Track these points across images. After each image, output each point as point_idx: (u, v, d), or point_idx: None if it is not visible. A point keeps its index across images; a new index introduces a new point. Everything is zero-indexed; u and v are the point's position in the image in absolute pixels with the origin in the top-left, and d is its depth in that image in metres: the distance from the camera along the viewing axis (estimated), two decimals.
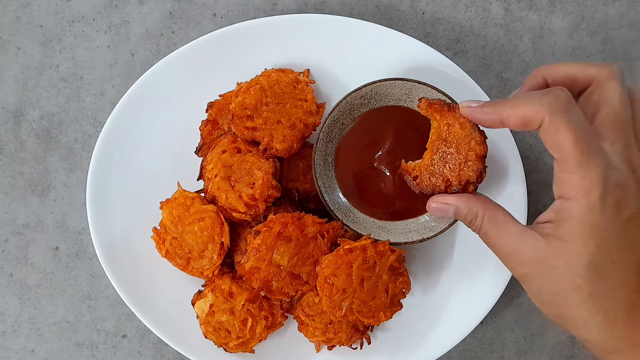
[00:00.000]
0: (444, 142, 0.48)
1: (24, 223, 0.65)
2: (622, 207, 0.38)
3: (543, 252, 0.39)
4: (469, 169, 0.47)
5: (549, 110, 0.38)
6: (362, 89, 0.55)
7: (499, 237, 0.42)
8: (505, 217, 0.43)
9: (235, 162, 0.56)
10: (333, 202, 0.56)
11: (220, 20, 0.65)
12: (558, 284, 0.39)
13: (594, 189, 0.37)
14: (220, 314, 0.56)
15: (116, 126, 0.59)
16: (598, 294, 0.38)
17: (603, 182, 0.37)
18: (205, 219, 0.55)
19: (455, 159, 0.48)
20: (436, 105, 0.48)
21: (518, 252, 0.41)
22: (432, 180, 0.49)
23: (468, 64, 0.65)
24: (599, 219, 0.37)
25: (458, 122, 0.47)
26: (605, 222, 0.38)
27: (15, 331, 0.65)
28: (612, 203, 0.37)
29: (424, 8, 0.65)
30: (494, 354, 0.65)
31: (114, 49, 0.65)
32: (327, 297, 0.53)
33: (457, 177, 0.48)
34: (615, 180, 0.37)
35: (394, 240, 0.56)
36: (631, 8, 0.66)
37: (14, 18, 0.65)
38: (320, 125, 0.56)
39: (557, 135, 0.37)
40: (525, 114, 0.39)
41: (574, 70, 0.41)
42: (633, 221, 0.38)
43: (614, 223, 0.38)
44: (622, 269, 0.38)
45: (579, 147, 0.37)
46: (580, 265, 0.38)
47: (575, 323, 0.40)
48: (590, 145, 0.37)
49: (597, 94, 0.39)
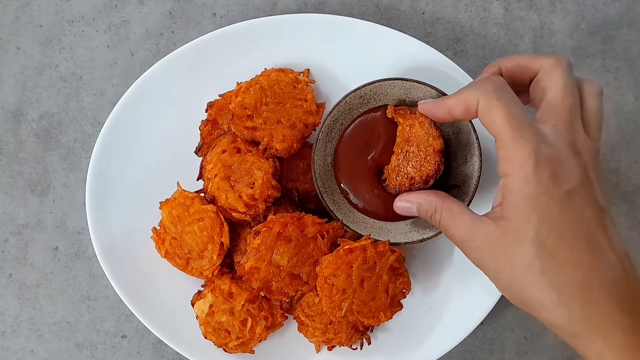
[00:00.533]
0: (406, 142, 0.53)
1: (23, 223, 0.65)
2: (559, 180, 0.38)
3: (493, 234, 0.41)
4: (428, 163, 0.52)
5: (483, 92, 0.41)
6: (361, 89, 0.55)
7: (455, 227, 0.44)
8: (460, 209, 0.45)
9: (235, 162, 0.56)
10: (333, 203, 0.56)
11: (220, 20, 0.65)
12: (511, 264, 0.40)
13: (527, 161, 0.38)
14: (220, 314, 0.56)
15: (116, 126, 0.59)
16: (549, 271, 0.38)
17: (535, 154, 0.38)
18: (205, 219, 0.55)
19: (417, 156, 0.52)
20: (400, 110, 0.53)
21: (472, 238, 0.42)
22: (397, 180, 0.53)
23: (468, 63, 0.65)
24: (535, 190, 0.38)
25: (417, 122, 0.52)
26: (543, 193, 0.38)
27: (15, 331, 0.65)
28: (547, 175, 0.38)
29: (424, 8, 0.65)
30: (494, 354, 0.65)
31: (113, 48, 0.65)
32: (327, 298, 0.53)
33: (419, 173, 0.52)
34: (548, 154, 0.39)
35: (394, 240, 0.56)
36: (631, 8, 0.66)
37: (13, 18, 0.65)
38: (320, 126, 0.56)
39: (490, 113, 0.40)
40: (464, 100, 0.42)
41: (524, 60, 0.44)
42: (575, 196, 0.39)
43: (553, 195, 0.38)
44: (571, 243, 0.38)
45: (510, 122, 0.39)
46: (527, 241, 0.39)
47: (534, 305, 0.40)
48: (522, 121, 0.39)
49: (542, 81, 0.42)
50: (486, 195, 0.59)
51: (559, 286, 0.38)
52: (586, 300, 0.38)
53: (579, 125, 0.41)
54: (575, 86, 0.41)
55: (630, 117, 0.66)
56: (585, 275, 0.38)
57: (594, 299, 0.38)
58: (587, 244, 0.38)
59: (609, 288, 0.38)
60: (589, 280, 0.38)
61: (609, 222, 0.40)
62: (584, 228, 0.38)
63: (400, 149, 0.53)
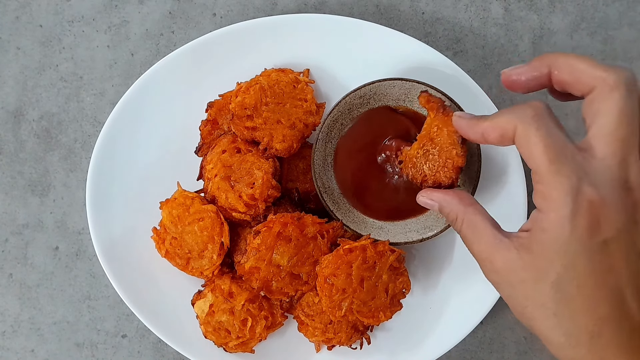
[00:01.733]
0: (430, 141, 0.50)
1: (23, 223, 0.65)
2: (598, 229, 0.35)
3: (514, 263, 0.38)
4: (444, 174, 0.50)
5: (521, 119, 0.37)
6: (361, 89, 0.55)
7: (475, 243, 0.42)
8: (483, 223, 0.42)
9: (235, 162, 0.56)
10: (332, 203, 0.56)
11: (220, 20, 0.65)
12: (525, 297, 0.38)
13: (564, 205, 0.35)
14: (220, 314, 0.56)
15: (116, 126, 0.59)
16: (562, 315, 0.37)
17: (573, 197, 0.35)
18: (205, 219, 0.55)
19: (435, 160, 0.50)
20: (434, 103, 0.49)
21: (491, 260, 0.40)
22: (412, 171, 0.52)
23: (468, 63, 0.65)
24: (568, 238, 0.36)
25: (447, 128, 0.48)
26: (575, 242, 0.36)
27: (15, 331, 0.65)
28: (584, 224, 0.35)
29: (424, 8, 0.65)
30: (494, 354, 0.65)
31: (113, 48, 0.65)
32: (326, 297, 0.53)
33: (433, 177, 0.50)
34: (590, 197, 0.35)
35: (394, 240, 0.56)
36: (631, 8, 0.66)
37: (13, 18, 0.65)
38: (320, 126, 0.56)
39: (528, 143, 0.37)
40: (500, 126, 0.39)
41: (580, 68, 0.38)
42: (611, 244, 0.36)
43: (585, 246, 0.36)
44: (590, 294, 0.36)
45: (549, 155, 0.36)
46: (546, 283, 0.37)
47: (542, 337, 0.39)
48: (563, 154, 0.36)
49: (597, 103, 0.37)
50: (486, 195, 0.59)
51: (568, 331, 0.37)
52: (594, 348, 0.37)
53: (634, 157, 0.36)
54: (635, 111, 0.36)
55: None
56: (597, 325, 0.36)
57: (603, 347, 0.37)
58: (609, 294, 0.36)
59: (621, 338, 0.36)
60: (600, 330, 0.36)
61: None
62: (609, 279, 0.36)
63: (423, 143, 0.51)
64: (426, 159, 0.51)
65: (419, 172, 0.51)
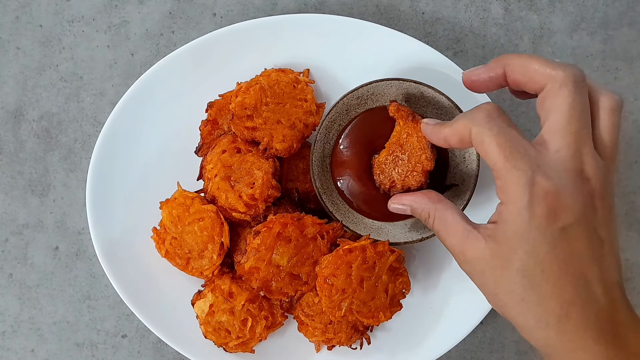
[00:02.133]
0: (400, 147, 0.52)
1: (23, 223, 0.65)
2: (555, 217, 0.37)
3: (482, 252, 0.40)
4: (413, 179, 0.52)
5: (474, 122, 0.40)
6: (358, 89, 0.55)
7: (447, 236, 0.43)
8: (453, 217, 0.44)
9: (235, 162, 0.56)
10: (331, 203, 0.56)
11: (220, 20, 0.65)
12: (495, 284, 0.40)
13: (521, 196, 0.37)
14: (220, 314, 0.56)
15: (116, 126, 0.59)
16: (530, 300, 0.38)
17: (529, 188, 0.37)
18: (205, 219, 0.55)
19: (405, 165, 0.52)
20: (403, 112, 0.51)
21: (462, 251, 0.42)
22: (380, 177, 0.54)
23: (468, 64, 0.65)
24: (527, 225, 0.37)
25: (417, 134, 0.51)
26: (534, 230, 0.37)
27: (15, 331, 0.65)
28: (542, 212, 0.37)
29: (424, 8, 0.65)
30: (494, 354, 0.65)
31: (113, 48, 0.65)
32: (326, 298, 0.53)
33: (402, 182, 0.52)
34: (545, 187, 0.37)
35: (394, 240, 0.56)
36: (631, 8, 0.66)
37: (13, 18, 0.65)
38: (318, 127, 0.56)
39: (482, 143, 0.39)
40: (458, 131, 0.42)
41: (531, 68, 0.40)
42: (570, 231, 0.38)
43: (545, 233, 0.37)
44: (555, 279, 0.38)
45: (504, 152, 0.38)
46: (511, 270, 0.39)
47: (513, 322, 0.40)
48: (517, 150, 0.38)
49: (548, 100, 0.39)
50: (485, 195, 0.59)
51: (537, 315, 0.38)
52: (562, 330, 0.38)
53: (588, 148, 0.38)
54: (585, 105, 0.39)
55: (629, 117, 0.66)
56: (564, 309, 0.38)
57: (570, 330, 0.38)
58: (573, 279, 0.38)
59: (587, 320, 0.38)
60: (567, 312, 0.38)
61: (608, 252, 0.39)
62: (572, 264, 0.38)
63: (392, 150, 0.53)
64: (395, 165, 0.52)
65: (388, 178, 0.53)
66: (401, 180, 0.52)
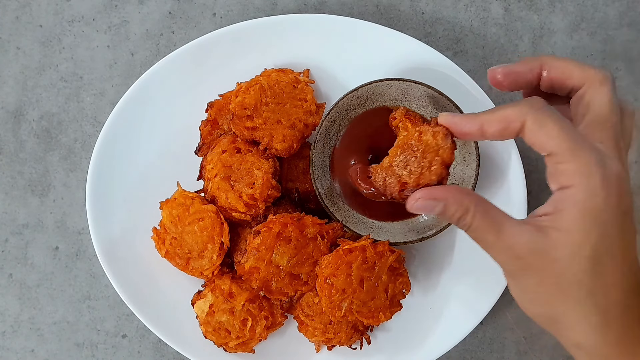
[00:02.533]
0: (410, 148, 0.47)
1: (23, 223, 0.65)
2: (622, 199, 0.37)
3: (543, 244, 0.37)
4: (432, 172, 0.45)
5: (530, 109, 0.38)
6: (358, 89, 0.55)
7: (493, 232, 0.39)
8: (498, 212, 0.40)
9: (235, 162, 0.56)
10: (332, 204, 0.56)
11: (220, 20, 0.65)
12: (558, 279, 0.38)
13: (594, 173, 0.36)
14: (220, 314, 0.56)
15: (116, 126, 0.59)
16: (598, 291, 0.37)
17: (602, 166, 0.36)
18: (205, 218, 0.55)
19: (418, 163, 0.46)
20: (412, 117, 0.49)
21: (513, 246, 0.38)
22: (386, 180, 0.47)
23: (468, 64, 0.65)
24: (602, 205, 0.36)
25: (432, 130, 0.45)
26: (608, 210, 0.36)
27: (15, 331, 0.65)
28: (614, 191, 0.36)
29: (424, 8, 0.65)
30: (494, 354, 0.65)
31: (113, 48, 0.65)
32: (326, 298, 0.53)
33: (416, 179, 0.46)
34: (616, 170, 0.37)
35: (394, 240, 0.56)
36: (631, 8, 0.66)
37: (13, 18, 0.65)
38: (318, 127, 0.56)
39: (544, 129, 0.37)
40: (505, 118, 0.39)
41: (570, 67, 0.41)
42: (628, 218, 0.37)
43: (616, 214, 0.37)
44: (621, 265, 0.37)
45: (569, 136, 0.37)
46: (583, 257, 0.36)
47: (567, 324, 0.38)
48: (578, 135, 0.37)
49: (588, 95, 0.40)
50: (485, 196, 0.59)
51: (604, 308, 0.37)
52: (624, 324, 0.37)
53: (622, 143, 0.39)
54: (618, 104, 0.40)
55: None
56: (628, 298, 0.37)
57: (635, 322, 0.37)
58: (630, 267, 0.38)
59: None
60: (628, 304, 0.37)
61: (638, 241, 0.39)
62: (629, 252, 0.37)
63: (400, 150, 0.47)
64: (406, 165, 0.47)
65: (396, 180, 0.47)
66: (415, 178, 0.46)
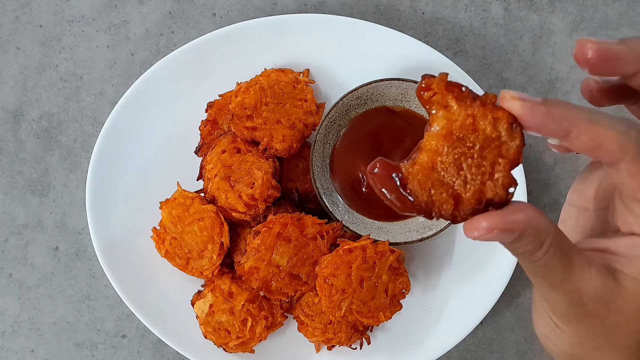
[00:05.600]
0: (460, 140, 0.30)
1: (23, 223, 0.65)
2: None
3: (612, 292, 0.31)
4: (497, 184, 0.30)
5: (637, 147, 0.29)
6: (358, 89, 0.55)
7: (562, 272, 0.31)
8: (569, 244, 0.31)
9: (235, 162, 0.56)
10: (332, 204, 0.56)
11: (220, 20, 0.65)
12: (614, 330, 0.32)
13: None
14: (220, 314, 0.56)
15: (116, 126, 0.59)
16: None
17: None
18: (205, 219, 0.55)
19: (477, 166, 0.30)
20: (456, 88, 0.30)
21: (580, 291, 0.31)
22: (431, 193, 0.30)
23: (468, 64, 0.65)
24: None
25: (492, 116, 0.30)
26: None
27: (15, 331, 0.65)
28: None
29: (424, 8, 0.65)
30: (494, 354, 0.65)
31: (113, 49, 0.65)
32: (326, 298, 0.53)
33: (475, 193, 0.30)
34: None
35: (394, 240, 0.56)
36: (631, 8, 0.66)
37: (13, 18, 0.65)
38: (318, 127, 0.56)
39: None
40: (604, 140, 0.29)
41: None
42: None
43: None
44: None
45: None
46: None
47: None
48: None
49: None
50: None
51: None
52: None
53: None
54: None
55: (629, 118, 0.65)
56: None
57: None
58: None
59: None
60: None
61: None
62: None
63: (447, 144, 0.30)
64: (458, 169, 0.30)
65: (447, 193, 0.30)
66: (473, 191, 0.30)
